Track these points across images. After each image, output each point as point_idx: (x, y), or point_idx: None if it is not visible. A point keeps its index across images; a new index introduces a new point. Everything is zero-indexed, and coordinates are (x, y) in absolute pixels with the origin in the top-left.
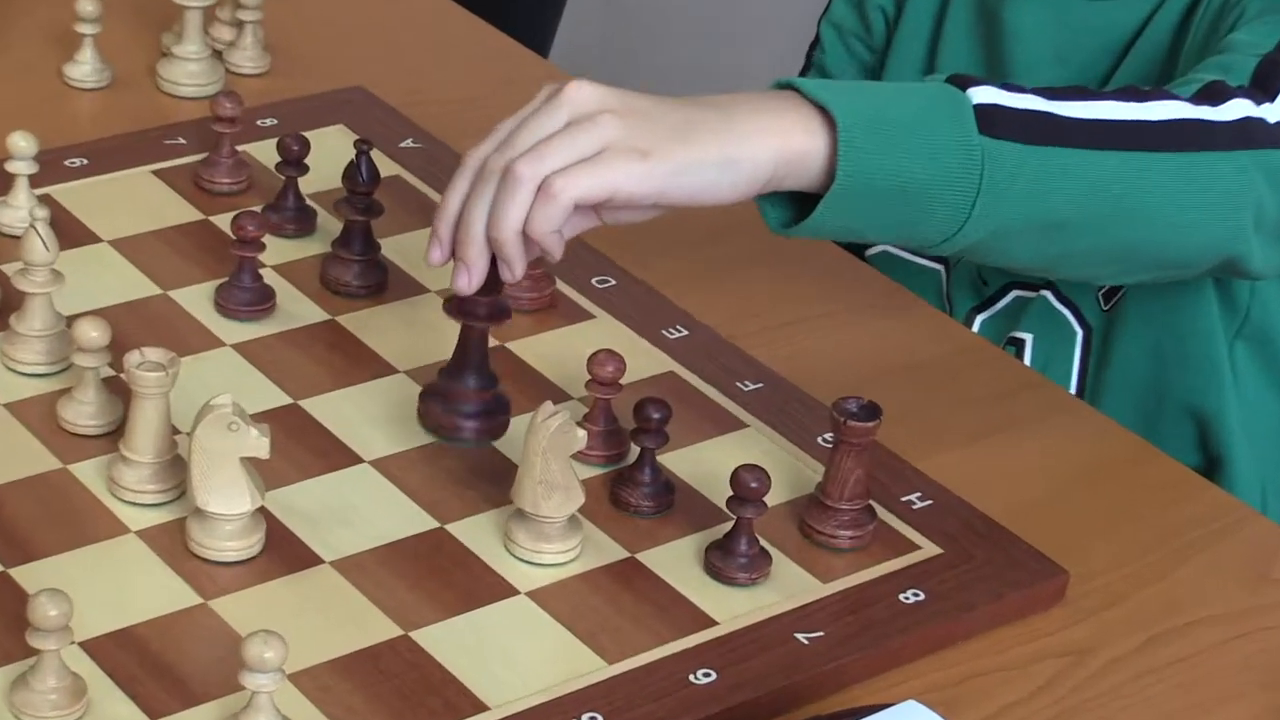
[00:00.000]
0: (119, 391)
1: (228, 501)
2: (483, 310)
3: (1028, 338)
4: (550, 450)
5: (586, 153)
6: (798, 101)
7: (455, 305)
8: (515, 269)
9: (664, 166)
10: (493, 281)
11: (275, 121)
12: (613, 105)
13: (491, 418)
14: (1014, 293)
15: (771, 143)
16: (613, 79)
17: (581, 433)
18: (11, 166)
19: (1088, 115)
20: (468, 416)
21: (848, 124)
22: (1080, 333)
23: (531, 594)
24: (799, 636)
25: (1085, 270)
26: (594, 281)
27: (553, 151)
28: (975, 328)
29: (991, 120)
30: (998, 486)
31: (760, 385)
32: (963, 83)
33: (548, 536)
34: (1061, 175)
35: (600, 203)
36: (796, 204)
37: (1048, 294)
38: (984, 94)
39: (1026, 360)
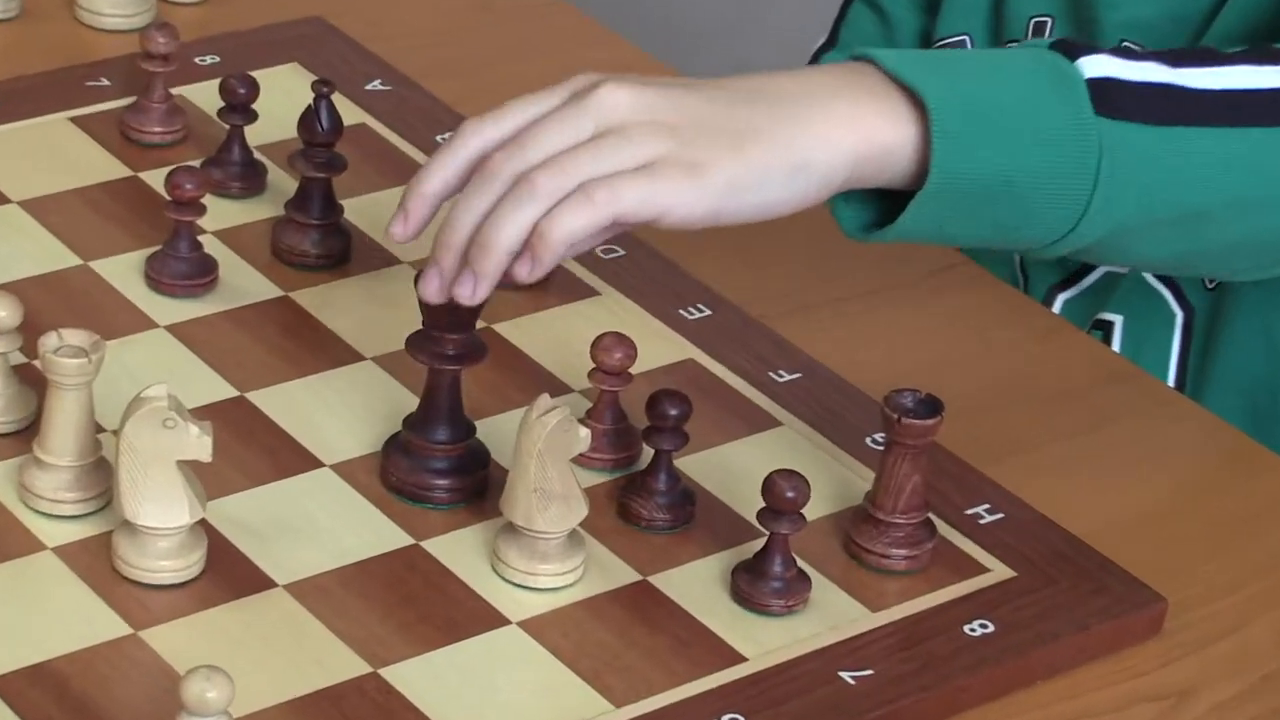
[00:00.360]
0: (32, 382)
1: (162, 513)
2: (452, 349)
3: (1117, 320)
4: (547, 453)
5: (624, 168)
6: (876, 80)
7: (420, 344)
8: (481, 288)
9: (719, 181)
10: (466, 316)
11: (217, 59)
12: (654, 114)
13: (466, 475)
14: (1102, 266)
15: (848, 138)
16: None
17: (584, 432)
18: None
19: (1219, 85)
20: (438, 474)
21: (941, 110)
22: (1180, 315)
23: (524, 624)
24: (844, 675)
25: (1220, 267)
26: (599, 251)
27: (579, 168)
28: (1056, 308)
29: (1108, 97)
30: (1082, 497)
31: (798, 375)
32: (1070, 50)
33: (544, 555)
34: (1193, 159)
35: (644, 223)
36: (876, 200)
37: None
38: (1098, 65)
39: (1115, 346)
